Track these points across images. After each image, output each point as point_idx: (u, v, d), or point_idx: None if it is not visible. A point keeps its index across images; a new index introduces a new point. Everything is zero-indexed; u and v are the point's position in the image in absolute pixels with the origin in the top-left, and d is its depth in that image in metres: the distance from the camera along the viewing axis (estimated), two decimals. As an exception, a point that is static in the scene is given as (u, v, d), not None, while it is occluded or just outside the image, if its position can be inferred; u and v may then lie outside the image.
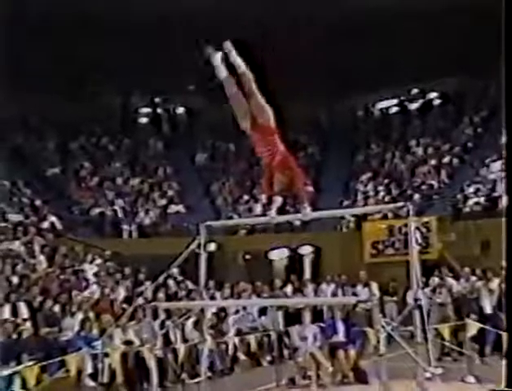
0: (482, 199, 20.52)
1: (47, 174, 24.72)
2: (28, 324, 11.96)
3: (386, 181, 23.99)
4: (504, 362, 3.95)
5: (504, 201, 18.79)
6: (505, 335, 3.94)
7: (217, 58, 6.76)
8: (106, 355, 10.52)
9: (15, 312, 12.47)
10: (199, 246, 7.77)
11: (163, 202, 24.26)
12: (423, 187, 22.85)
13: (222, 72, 6.83)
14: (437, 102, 28.65)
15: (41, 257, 16.85)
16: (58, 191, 24.02)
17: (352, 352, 11.69)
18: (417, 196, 21.99)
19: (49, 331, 11.89)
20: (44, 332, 11.75)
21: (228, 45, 6.76)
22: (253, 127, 6.90)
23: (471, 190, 21.22)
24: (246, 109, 6.84)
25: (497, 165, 21.47)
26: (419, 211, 18.65)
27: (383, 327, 6.07)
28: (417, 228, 7.01)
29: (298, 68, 24.84)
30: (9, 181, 21.70)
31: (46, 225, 20.16)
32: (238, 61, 6.77)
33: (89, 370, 9.82)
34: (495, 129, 23.67)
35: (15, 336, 11.06)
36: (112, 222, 22.79)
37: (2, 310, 12.34)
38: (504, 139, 21.57)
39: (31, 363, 9.92)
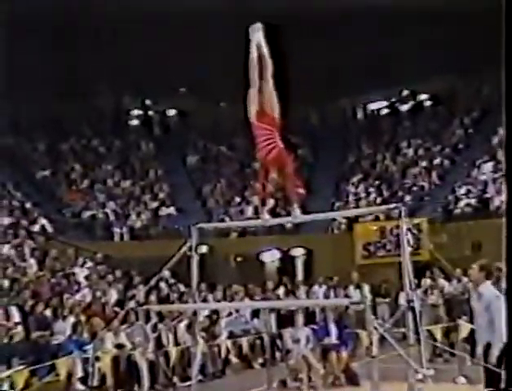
0: (473, 201, 20.59)
1: (37, 177, 24.62)
2: (20, 328, 11.89)
3: (377, 182, 24.03)
4: (503, 362, 3.96)
5: (504, 201, 18.85)
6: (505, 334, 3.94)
7: (256, 36, 7.00)
8: (97, 359, 10.47)
9: (6, 316, 12.39)
10: (190, 248, 7.74)
11: (154, 204, 24.21)
12: (414, 189, 22.89)
13: (253, 53, 7.02)
14: (428, 103, 28.73)
15: (32, 261, 16.78)
16: (48, 194, 23.93)
17: (344, 354, 11.68)
18: (408, 198, 22.03)
19: (40, 334, 11.83)
20: (35, 336, 11.68)
21: (258, 25, 7.06)
22: (258, 115, 7.07)
23: (462, 191, 21.27)
24: (257, 92, 6.97)
25: (488, 166, 21.55)
26: (410, 212, 18.67)
27: (376, 328, 6.06)
28: (409, 229, 6.99)
29: (289, 70, 24.84)
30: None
31: (36, 228, 20.10)
32: (263, 43, 7.04)
33: (79, 373, 9.76)
34: (486, 130, 23.77)
35: (5, 340, 10.98)
36: (103, 225, 22.73)
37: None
38: (503, 138, 21.73)
39: (21, 367, 9.85)
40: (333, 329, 11.96)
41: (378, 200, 22.35)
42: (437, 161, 24.01)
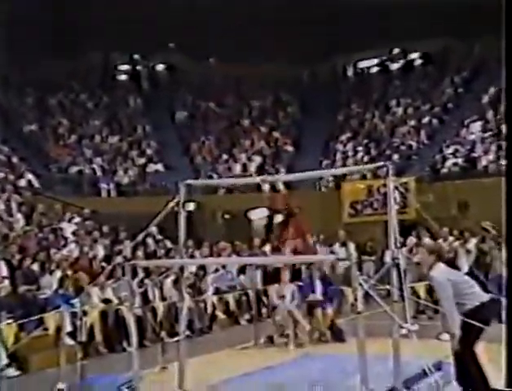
0: (460, 160, 20.65)
1: (24, 131, 24.40)
2: (7, 282, 11.91)
3: (365, 141, 24.03)
4: (503, 362, 4.03)
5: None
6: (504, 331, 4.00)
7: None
8: (85, 313, 10.52)
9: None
10: (178, 204, 7.73)
11: (142, 161, 24.12)
12: (402, 148, 22.91)
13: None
14: (418, 62, 28.59)
15: (19, 215, 16.74)
16: (35, 149, 23.76)
17: (329, 310, 11.80)
18: (395, 157, 22.06)
19: (27, 288, 11.87)
20: (23, 290, 11.72)
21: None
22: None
23: (450, 150, 21.32)
24: None
25: (477, 126, 21.58)
26: (398, 171, 18.71)
27: (361, 284, 6.10)
28: (396, 188, 7.00)
29: (280, 28, 24.68)
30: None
31: (23, 183, 19.98)
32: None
33: (68, 328, 9.81)
34: (476, 89, 23.74)
35: (-7, 294, 11.01)
36: (90, 181, 22.65)
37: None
38: (493, 98, 21.73)
39: (10, 321, 9.90)
40: (319, 286, 12.06)
41: (366, 159, 22.39)
42: (426, 120, 24.01)
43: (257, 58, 25.54)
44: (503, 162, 13.15)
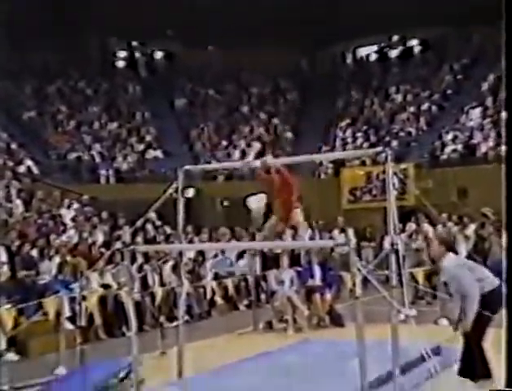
0: (460, 147, 20.65)
1: (23, 118, 24.34)
2: (6, 268, 11.95)
3: (364, 127, 24.01)
4: (503, 361, 4.04)
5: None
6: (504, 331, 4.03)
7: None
8: (84, 298, 10.56)
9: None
10: (177, 191, 7.73)
11: (141, 147, 24.09)
12: (401, 134, 22.90)
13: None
14: (417, 49, 28.51)
15: (18, 202, 16.74)
16: (34, 135, 23.70)
17: (328, 296, 11.85)
18: (395, 143, 22.05)
19: (26, 274, 11.89)
20: (22, 275, 11.74)
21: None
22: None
23: (449, 137, 21.31)
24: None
25: (476, 112, 21.56)
26: (397, 158, 18.73)
27: (359, 269, 6.11)
28: (395, 174, 7.00)
29: (280, 14, 24.59)
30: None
31: (22, 169, 19.97)
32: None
33: (67, 313, 9.85)
34: (476, 76, 23.69)
35: (-8, 280, 11.04)
36: (89, 167, 22.63)
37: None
38: (492, 85, 21.67)
39: (9, 306, 9.93)
40: (318, 271, 12.10)
41: (365, 145, 22.37)
42: (425, 107, 23.98)
43: (256, 45, 25.46)
44: (503, 148, 13.13)
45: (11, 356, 10.01)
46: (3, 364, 9.49)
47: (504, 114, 4.68)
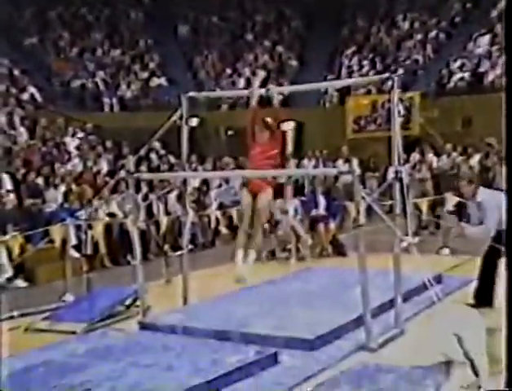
0: (467, 75, 20.38)
1: (25, 44, 24.02)
2: (12, 196, 12.01)
3: (370, 55, 23.65)
4: (503, 361, 4.09)
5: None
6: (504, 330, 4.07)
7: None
8: (89, 227, 10.65)
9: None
10: (181, 118, 7.70)
11: (145, 75, 23.84)
12: (408, 62, 22.57)
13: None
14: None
15: (22, 129, 16.70)
16: (36, 62, 23.44)
17: (332, 225, 11.94)
18: (401, 71, 21.74)
19: (33, 202, 11.97)
20: (28, 203, 11.82)
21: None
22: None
23: (457, 65, 21.01)
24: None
25: (485, 40, 21.18)
26: (403, 86, 18.52)
27: (363, 197, 6.12)
28: (401, 100, 6.92)
29: None
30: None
31: (25, 96, 19.83)
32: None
33: (73, 241, 9.95)
34: (485, 3, 23.17)
35: (-2, 207, 11.12)
36: (93, 95, 22.47)
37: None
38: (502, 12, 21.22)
39: (16, 233, 10.03)
40: (322, 201, 12.15)
41: (371, 73, 22.06)
42: (432, 34, 23.55)
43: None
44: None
45: (20, 282, 10.19)
46: (12, 290, 9.68)
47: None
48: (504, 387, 4.13)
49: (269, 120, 6.95)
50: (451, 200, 11.05)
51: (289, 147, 21.34)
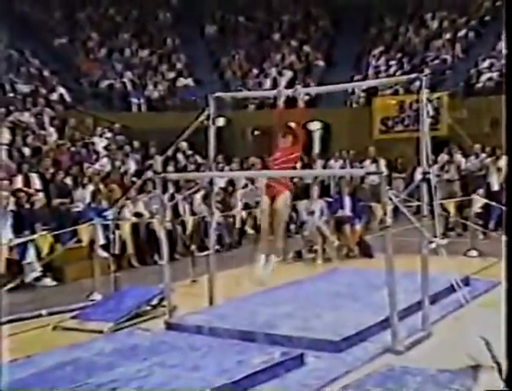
0: (495, 75, 20.15)
1: (55, 44, 24.25)
2: (41, 195, 12.14)
3: (398, 55, 23.50)
4: (504, 361, 4.05)
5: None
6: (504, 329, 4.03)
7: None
8: (117, 227, 10.73)
9: (27, 183, 12.62)
10: (208, 118, 7.72)
11: (172, 75, 23.95)
12: (436, 62, 22.38)
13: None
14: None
15: (52, 129, 16.86)
16: (66, 62, 23.66)
17: (358, 226, 11.89)
18: (429, 71, 21.55)
19: (61, 201, 12.10)
20: (56, 203, 11.94)
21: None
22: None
23: (485, 64, 20.79)
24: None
25: (514, 39, 20.92)
26: (431, 87, 18.35)
27: (391, 198, 6.07)
28: (430, 101, 6.85)
29: None
30: (16, 50, 21.21)
31: (55, 96, 20.02)
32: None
33: (101, 241, 10.02)
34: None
35: (27, 206, 11.23)
36: (120, 95, 22.62)
37: (14, 180, 12.47)
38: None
39: (45, 232, 10.13)
40: (348, 202, 12.12)
41: (399, 74, 21.92)
42: (462, 34, 23.32)
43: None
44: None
45: (48, 281, 10.30)
46: (40, 289, 9.80)
47: None
48: (504, 387, 4.09)
49: (292, 124, 6.91)
50: (478, 202, 10.95)
51: (316, 148, 21.48)
